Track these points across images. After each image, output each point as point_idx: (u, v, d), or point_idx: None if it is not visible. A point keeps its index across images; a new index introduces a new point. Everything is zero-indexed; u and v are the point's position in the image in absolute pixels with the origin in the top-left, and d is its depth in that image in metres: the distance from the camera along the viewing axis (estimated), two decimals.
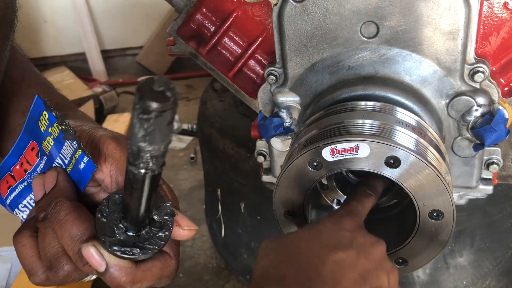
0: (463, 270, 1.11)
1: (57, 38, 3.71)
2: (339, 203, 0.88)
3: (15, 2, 0.71)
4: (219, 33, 0.93)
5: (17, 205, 0.75)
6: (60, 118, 0.66)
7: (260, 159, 0.95)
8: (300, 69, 0.86)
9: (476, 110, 0.80)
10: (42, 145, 0.70)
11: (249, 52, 0.93)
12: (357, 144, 0.69)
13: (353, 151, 0.70)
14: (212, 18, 0.93)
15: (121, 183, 0.65)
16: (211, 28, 0.94)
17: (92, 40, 3.53)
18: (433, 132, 0.78)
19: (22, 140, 0.73)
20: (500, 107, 0.80)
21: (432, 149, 0.73)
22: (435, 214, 0.72)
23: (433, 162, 0.70)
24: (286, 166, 0.74)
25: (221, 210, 1.36)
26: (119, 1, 3.61)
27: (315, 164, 0.72)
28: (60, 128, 0.66)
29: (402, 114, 0.77)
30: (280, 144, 0.91)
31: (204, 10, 0.93)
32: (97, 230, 0.60)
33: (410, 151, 0.68)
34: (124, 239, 0.59)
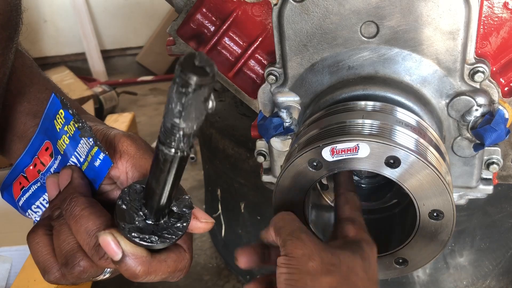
0: (463, 270, 1.11)
1: (57, 38, 3.71)
2: None
3: (19, 4, 0.71)
4: (219, 33, 0.93)
5: (29, 206, 0.75)
6: (76, 115, 0.67)
7: (260, 159, 0.95)
8: (300, 69, 0.86)
9: (476, 110, 0.80)
10: (57, 144, 0.71)
11: (249, 52, 0.93)
12: (357, 144, 0.69)
13: (353, 151, 0.70)
14: (212, 18, 0.93)
15: (136, 179, 0.66)
16: (211, 28, 0.94)
17: (92, 40, 3.53)
18: (433, 132, 0.78)
19: (36, 140, 0.74)
20: (500, 107, 0.80)
21: (432, 149, 0.73)
22: (435, 214, 0.72)
23: (433, 162, 0.70)
24: (286, 166, 0.74)
25: (221, 210, 1.36)
26: (119, 1, 3.61)
27: (315, 164, 0.72)
28: (77, 125, 0.67)
29: (402, 114, 0.76)
30: (280, 144, 0.91)
31: (204, 10, 0.93)
32: (117, 216, 0.60)
33: (410, 151, 0.68)
34: (143, 226, 0.60)
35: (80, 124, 0.66)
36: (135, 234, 0.59)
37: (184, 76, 0.42)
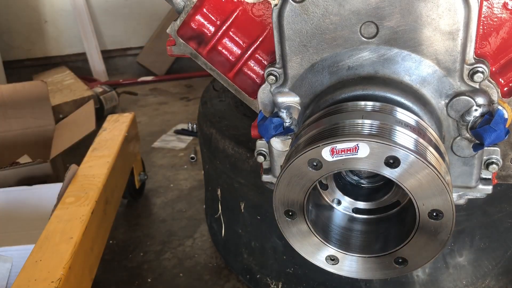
0: (463, 270, 1.11)
1: (57, 38, 3.72)
2: (339, 202, 0.89)
3: None
4: (219, 34, 0.93)
5: None
6: None
7: (260, 159, 0.96)
8: (300, 69, 0.86)
9: (476, 110, 0.80)
10: None
11: (249, 52, 0.93)
12: (357, 144, 0.69)
13: (353, 151, 0.70)
14: (212, 18, 0.94)
15: None
16: (211, 28, 0.94)
17: (93, 41, 3.54)
18: (432, 132, 0.78)
19: None
20: (500, 107, 0.80)
21: (431, 149, 0.73)
22: (434, 214, 0.72)
23: (433, 162, 0.70)
24: (286, 166, 0.74)
25: (221, 210, 1.36)
26: (119, 1, 3.62)
27: (315, 164, 0.72)
28: None
29: (401, 114, 0.77)
30: (280, 144, 0.91)
31: (204, 10, 0.93)
32: None
33: (409, 151, 0.68)
34: None
35: None
36: None
37: None
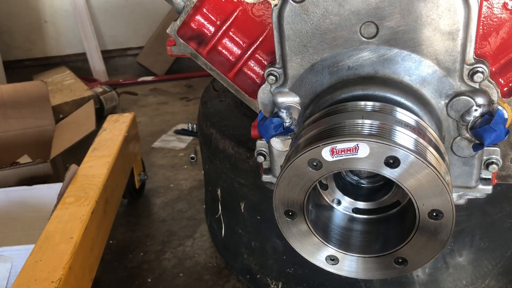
0: (463, 270, 1.11)
1: (57, 38, 3.72)
2: (339, 202, 0.89)
3: None
4: (219, 34, 0.94)
5: None
6: None
7: (260, 159, 0.96)
8: (300, 69, 0.86)
9: (476, 110, 0.80)
10: None
11: (249, 52, 0.93)
12: (357, 144, 0.70)
13: (352, 151, 0.70)
14: (212, 18, 0.94)
15: None
16: (211, 28, 0.94)
17: (93, 41, 3.54)
18: (432, 132, 0.78)
19: None
20: (500, 107, 0.80)
21: (431, 149, 0.73)
22: (434, 214, 0.72)
23: (433, 162, 0.70)
24: (286, 166, 0.74)
25: (221, 210, 1.36)
26: (119, 1, 3.62)
27: (315, 164, 0.72)
28: None
29: (401, 114, 0.77)
30: (280, 144, 0.91)
31: (204, 10, 0.93)
32: None
33: (409, 151, 0.68)
34: None
35: None
36: None
37: None
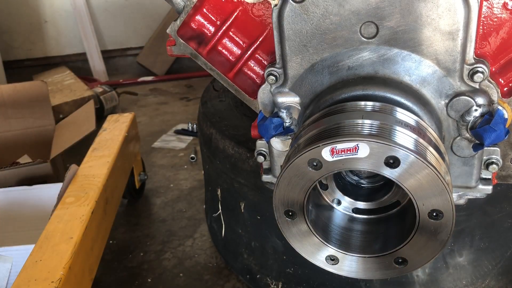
0: (463, 270, 1.11)
1: (57, 38, 3.72)
2: (339, 202, 0.89)
3: None
4: (219, 34, 0.94)
5: None
6: None
7: (260, 159, 0.96)
8: (300, 69, 0.86)
9: (476, 110, 0.80)
10: None
11: (249, 52, 0.93)
12: (357, 144, 0.70)
13: (352, 151, 0.70)
14: (212, 18, 0.94)
15: None
16: (211, 28, 0.94)
17: (93, 41, 3.54)
18: (432, 132, 0.78)
19: None
20: (500, 107, 0.80)
21: (431, 149, 0.73)
22: (434, 214, 0.72)
23: (433, 162, 0.70)
24: (286, 166, 0.74)
25: (221, 210, 1.36)
26: (119, 1, 3.62)
27: (315, 164, 0.72)
28: None
29: (401, 114, 0.77)
30: (280, 144, 0.91)
31: (204, 10, 0.93)
32: None
33: (409, 151, 0.68)
34: None
35: None
36: None
37: None
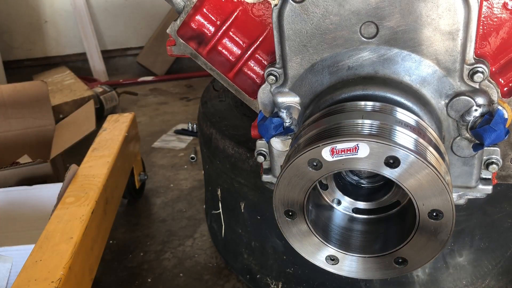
0: (463, 270, 1.11)
1: (57, 38, 3.72)
2: (339, 202, 0.89)
3: None
4: (219, 34, 0.94)
5: None
6: None
7: (260, 159, 0.96)
8: (300, 69, 0.86)
9: (476, 110, 0.80)
10: None
11: (249, 52, 0.93)
12: (357, 144, 0.70)
13: (352, 151, 0.70)
14: (212, 18, 0.94)
15: None
16: (211, 28, 0.94)
17: (93, 41, 3.54)
18: (432, 132, 0.78)
19: None
20: (500, 107, 0.80)
21: (431, 149, 0.73)
22: (434, 214, 0.72)
23: (433, 162, 0.70)
24: (286, 166, 0.74)
25: (221, 210, 1.36)
26: (119, 1, 3.62)
27: (315, 164, 0.72)
28: None
29: (401, 114, 0.77)
30: (280, 144, 0.91)
31: (204, 10, 0.93)
32: None
33: (409, 151, 0.68)
34: None
35: None
36: None
37: None
